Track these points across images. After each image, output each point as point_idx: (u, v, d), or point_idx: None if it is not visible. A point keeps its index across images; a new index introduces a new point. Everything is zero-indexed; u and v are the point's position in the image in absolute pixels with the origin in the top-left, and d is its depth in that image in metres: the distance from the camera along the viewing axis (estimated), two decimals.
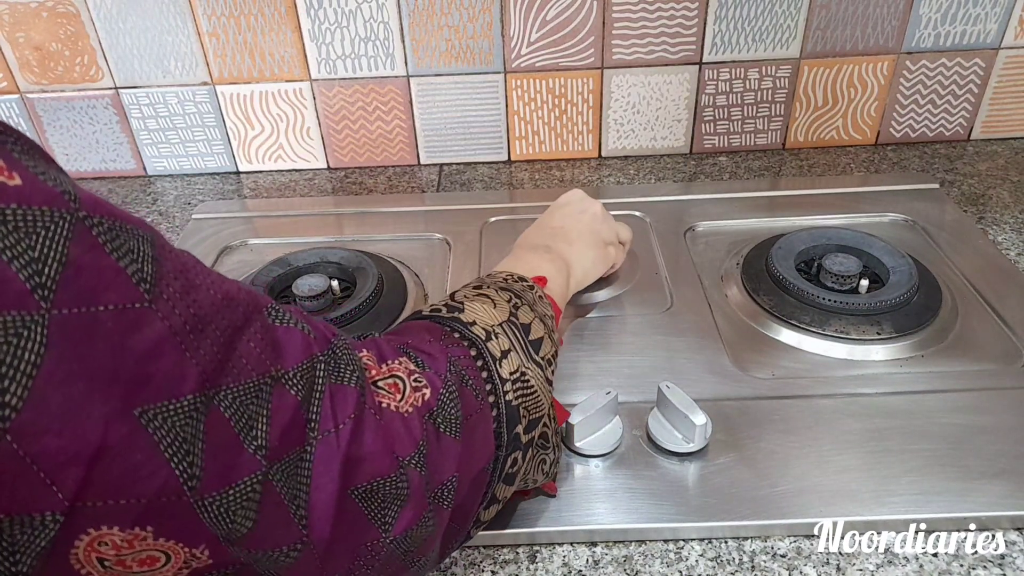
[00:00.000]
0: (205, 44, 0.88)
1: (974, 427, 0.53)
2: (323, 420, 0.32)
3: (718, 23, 0.87)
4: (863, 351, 0.61)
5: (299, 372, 0.32)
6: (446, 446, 0.38)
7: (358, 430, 0.33)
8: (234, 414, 0.28)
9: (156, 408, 0.26)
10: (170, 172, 0.97)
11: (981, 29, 0.88)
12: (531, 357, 0.45)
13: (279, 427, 0.30)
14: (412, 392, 0.37)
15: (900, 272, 0.66)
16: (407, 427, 0.36)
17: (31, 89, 0.90)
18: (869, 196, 0.83)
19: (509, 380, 0.43)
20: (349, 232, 0.82)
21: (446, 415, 0.38)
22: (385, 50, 0.88)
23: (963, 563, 0.46)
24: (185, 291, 0.27)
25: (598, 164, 0.95)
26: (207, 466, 0.27)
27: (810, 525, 0.48)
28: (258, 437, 0.29)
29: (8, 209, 0.22)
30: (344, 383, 0.34)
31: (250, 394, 0.29)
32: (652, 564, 0.47)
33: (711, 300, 0.68)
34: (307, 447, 0.31)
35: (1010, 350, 0.61)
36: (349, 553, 0.34)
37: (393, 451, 0.35)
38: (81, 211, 0.25)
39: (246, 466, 0.29)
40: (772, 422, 0.54)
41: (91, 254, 0.24)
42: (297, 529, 0.31)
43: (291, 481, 0.31)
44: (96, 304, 0.24)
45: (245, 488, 0.29)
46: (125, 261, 0.25)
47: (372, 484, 0.34)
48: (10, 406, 0.22)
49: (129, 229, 0.26)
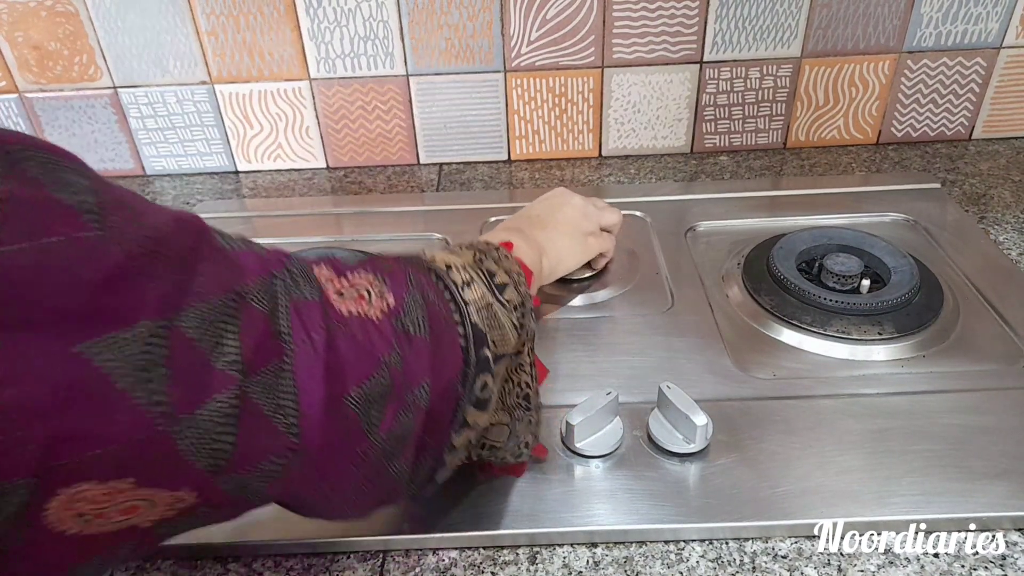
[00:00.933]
0: (204, 43, 0.87)
1: (976, 427, 0.53)
2: (295, 332, 0.32)
3: (719, 22, 0.87)
4: (864, 351, 0.61)
5: (261, 287, 0.31)
6: (417, 346, 0.38)
7: (332, 338, 0.33)
8: (201, 334, 0.28)
9: (108, 340, 0.24)
10: (169, 171, 0.97)
11: (982, 28, 0.88)
12: (495, 296, 0.44)
13: (251, 341, 0.30)
14: (377, 299, 0.37)
15: (901, 272, 0.66)
16: (379, 331, 0.36)
17: (30, 88, 0.90)
18: (870, 196, 0.83)
19: (472, 303, 0.42)
20: (348, 232, 0.82)
21: (413, 318, 0.38)
22: (384, 49, 0.88)
23: (964, 564, 0.46)
24: (133, 217, 0.27)
25: (598, 163, 0.95)
26: (172, 391, 0.26)
27: (811, 526, 0.47)
28: (228, 353, 0.29)
29: None
30: (304, 297, 0.34)
31: (216, 311, 0.29)
32: (653, 565, 0.46)
33: (712, 300, 0.68)
34: (285, 358, 0.31)
35: (1012, 350, 0.61)
36: (343, 458, 0.34)
37: (372, 352, 0.35)
38: (12, 149, 0.24)
39: (217, 383, 0.28)
40: (773, 423, 0.54)
41: (28, 188, 0.23)
42: (286, 438, 0.31)
43: (273, 393, 0.30)
44: (40, 236, 0.23)
45: (221, 405, 0.28)
46: (66, 193, 0.25)
47: (362, 387, 0.34)
48: None
49: (61, 163, 0.26)
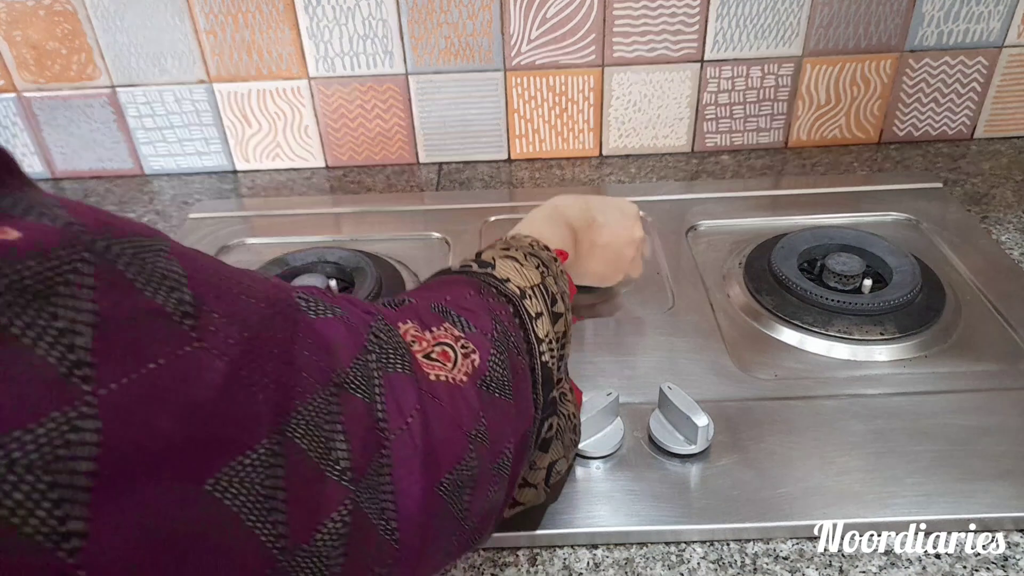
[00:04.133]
0: (202, 42, 0.87)
1: (978, 428, 0.52)
2: (391, 417, 0.29)
3: (720, 20, 0.86)
4: (866, 351, 0.61)
5: (356, 370, 0.28)
6: (501, 410, 0.35)
7: (426, 418, 0.30)
8: (311, 442, 0.24)
9: (231, 470, 0.21)
10: (167, 171, 0.97)
11: (984, 28, 0.87)
12: (554, 326, 0.43)
13: (358, 440, 0.26)
14: (463, 359, 0.34)
15: (903, 272, 0.66)
16: (465, 399, 0.33)
17: (28, 88, 0.90)
18: (872, 195, 0.82)
19: (544, 341, 0.40)
20: (347, 231, 0.81)
21: (497, 378, 0.36)
22: (384, 48, 0.88)
23: (965, 564, 0.45)
24: (229, 311, 0.23)
25: (599, 163, 0.95)
26: (291, 519, 0.23)
27: (813, 527, 0.47)
28: (339, 460, 0.25)
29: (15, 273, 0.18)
30: (397, 371, 0.30)
31: (320, 411, 0.25)
32: (653, 567, 0.46)
33: (713, 300, 0.67)
34: (383, 451, 0.28)
35: (1014, 350, 0.61)
36: (438, 552, 0.31)
37: (461, 428, 0.32)
38: (97, 240, 0.20)
39: (331, 499, 0.25)
40: (774, 423, 0.54)
41: (123, 298, 0.20)
42: (389, 546, 0.28)
43: (376, 495, 0.27)
44: (143, 364, 0.20)
45: (335, 526, 0.25)
46: (163, 295, 0.21)
47: (453, 472, 0.31)
48: (76, 534, 0.18)
49: (147, 244, 0.22)
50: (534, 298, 0.42)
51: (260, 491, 0.22)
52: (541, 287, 0.43)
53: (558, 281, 0.46)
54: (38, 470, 0.17)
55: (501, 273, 0.42)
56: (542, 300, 0.42)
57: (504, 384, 0.36)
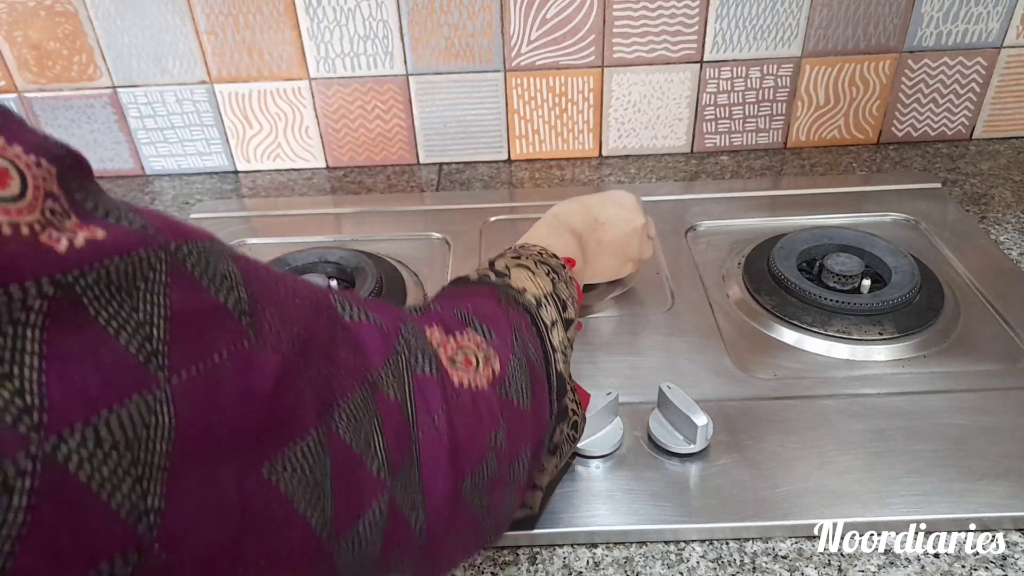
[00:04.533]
0: (203, 43, 0.87)
1: (976, 428, 0.53)
2: (420, 416, 0.30)
3: (719, 21, 0.86)
4: (865, 351, 0.61)
5: (388, 370, 0.30)
6: (520, 418, 0.36)
7: (451, 419, 0.32)
8: (353, 435, 0.26)
9: (284, 458, 0.23)
10: (168, 171, 0.97)
11: (983, 28, 0.87)
12: (567, 332, 0.44)
13: (392, 436, 0.28)
14: (484, 365, 0.36)
15: (902, 272, 0.66)
16: (486, 404, 0.34)
17: (29, 88, 0.90)
18: (871, 195, 0.83)
19: (559, 350, 0.42)
20: (348, 232, 0.82)
21: (516, 386, 0.37)
22: (384, 48, 0.88)
23: (964, 564, 0.45)
24: (279, 311, 0.25)
25: (599, 163, 0.95)
26: (337, 505, 0.24)
27: (812, 526, 0.47)
28: (378, 453, 0.27)
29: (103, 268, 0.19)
30: (425, 372, 0.32)
31: (359, 408, 0.27)
32: (653, 566, 0.46)
33: (712, 300, 0.68)
34: (412, 446, 0.29)
35: (1012, 350, 0.61)
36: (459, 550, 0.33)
37: (482, 431, 0.33)
38: (170, 242, 0.22)
39: (370, 490, 0.26)
40: (774, 423, 0.54)
41: (192, 296, 0.22)
42: (415, 537, 0.29)
43: (407, 487, 0.28)
44: (207, 356, 0.21)
45: (374, 515, 0.26)
46: (224, 293, 0.23)
47: (473, 473, 0.32)
48: (154, 510, 0.19)
49: (209, 247, 0.23)
50: (548, 306, 0.43)
51: (310, 479, 0.24)
52: (553, 295, 0.45)
53: (568, 287, 0.48)
54: (123, 448, 0.19)
55: (517, 283, 0.44)
56: (555, 307, 0.44)
57: (523, 391, 0.37)
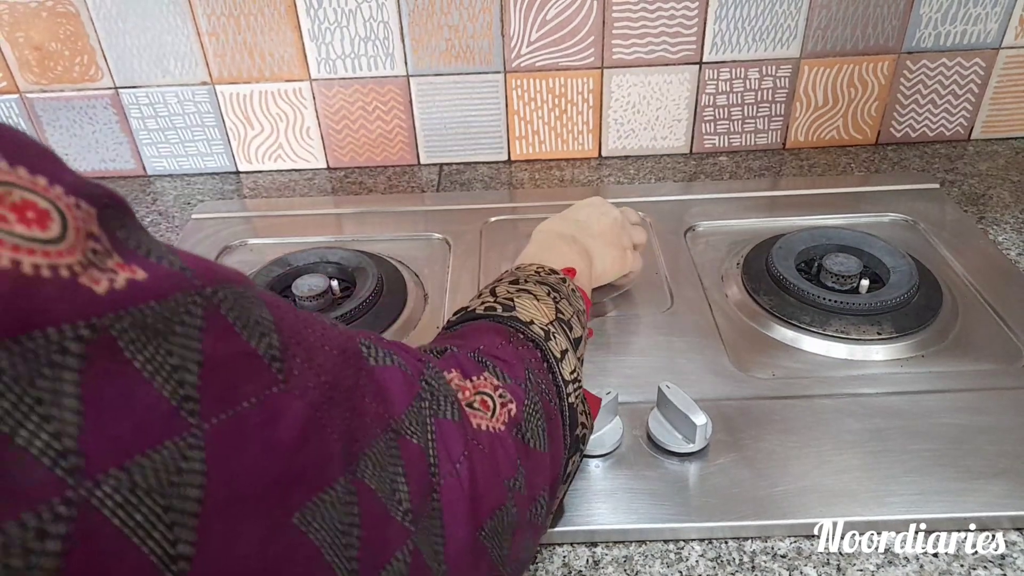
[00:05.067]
0: (205, 44, 0.88)
1: (974, 427, 0.53)
2: (441, 463, 0.30)
3: (718, 23, 0.87)
4: (863, 351, 0.61)
5: (410, 416, 0.30)
6: (536, 460, 0.36)
7: (472, 465, 0.32)
8: (379, 482, 0.26)
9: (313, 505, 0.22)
10: (170, 172, 0.97)
11: (981, 29, 0.88)
12: (576, 356, 0.44)
13: (415, 483, 0.28)
14: (500, 408, 0.36)
15: (900, 272, 0.66)
16: (504, 447, 0.34)
17: (31, 89, 0.90)
18: (869, 196, 0.83)
19: (571, 382, 0.41)
20: (349, 232, 0.82)
21: (532, 427, 0.37)
22: (385, 50, 0.88)
23: (963, 563, 0.46)
24: (308, 357, 0.24)
25: (598, 164, 0.95)
26: (363, 555, 0.24)
27: (810, 525, 0.47)
28: (402, 501, 0.27)
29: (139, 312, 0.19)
30: (446, 417, 0.32)
31: (383, 455, 0.27)
32: (652, 564, 0.47)
33: (711, 300, 0.68)
34: (434, 494, 0.29)
35: (1010, 350, 0.61)
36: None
37: (501, 476, 0.33)
38: (207, 286, 0.22)
39: (395, 538, 0.26)
40: (772, 422, 0.54)
41: (224, 341, 0.21)
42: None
43: (428, 538, 0.28)
44: (237, 403, 0.21)
45: (399, 565, 0.26)
46: (256, 339, 0.23)
47: (493, 519, 0.32)
48: (184, 556, 0.19)
49: (242, 292, 0.23)
50: (557, 335, 0.43)
51: (338, 527, 0.24)
52: (558, 320, 0.44)
53: (571, 301, 0.47)
54: (156, 494, 0.19)
55: (524, 315, 0.43)
56: (563, 334, 0.43)
57: (539, 433, 0.37)
